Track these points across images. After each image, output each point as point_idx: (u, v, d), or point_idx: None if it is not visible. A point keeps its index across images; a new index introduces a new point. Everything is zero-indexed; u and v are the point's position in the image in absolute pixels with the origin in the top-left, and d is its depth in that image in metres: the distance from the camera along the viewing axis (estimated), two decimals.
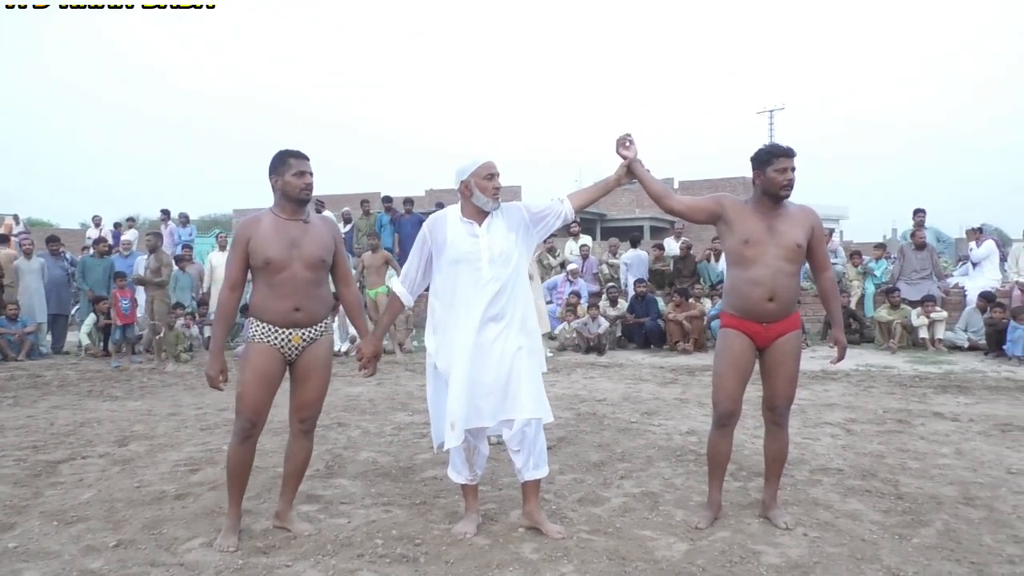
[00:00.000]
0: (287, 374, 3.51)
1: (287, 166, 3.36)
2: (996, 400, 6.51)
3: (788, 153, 3.43)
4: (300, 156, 3.41)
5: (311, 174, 3.40)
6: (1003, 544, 3.29)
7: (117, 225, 17.31)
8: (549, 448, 4.90)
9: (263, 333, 3.35)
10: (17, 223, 19.95)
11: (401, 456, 4.89)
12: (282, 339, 3.36)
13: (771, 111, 48.57)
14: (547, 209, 3.54)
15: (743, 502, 3.88)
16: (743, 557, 3.17)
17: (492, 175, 3.39)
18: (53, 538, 3.45)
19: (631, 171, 3.59)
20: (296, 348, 3.41)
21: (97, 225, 16.79)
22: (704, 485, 3.83)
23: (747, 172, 3.57)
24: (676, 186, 39.35)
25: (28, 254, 11.09)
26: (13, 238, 15.13)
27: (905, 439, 5.15)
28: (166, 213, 15.87)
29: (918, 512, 3.70)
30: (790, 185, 3.41)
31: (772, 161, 3.41)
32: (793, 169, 3.42)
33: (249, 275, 3.42)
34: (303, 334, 3.40)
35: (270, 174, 3.40)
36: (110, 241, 14.50)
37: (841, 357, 3.75)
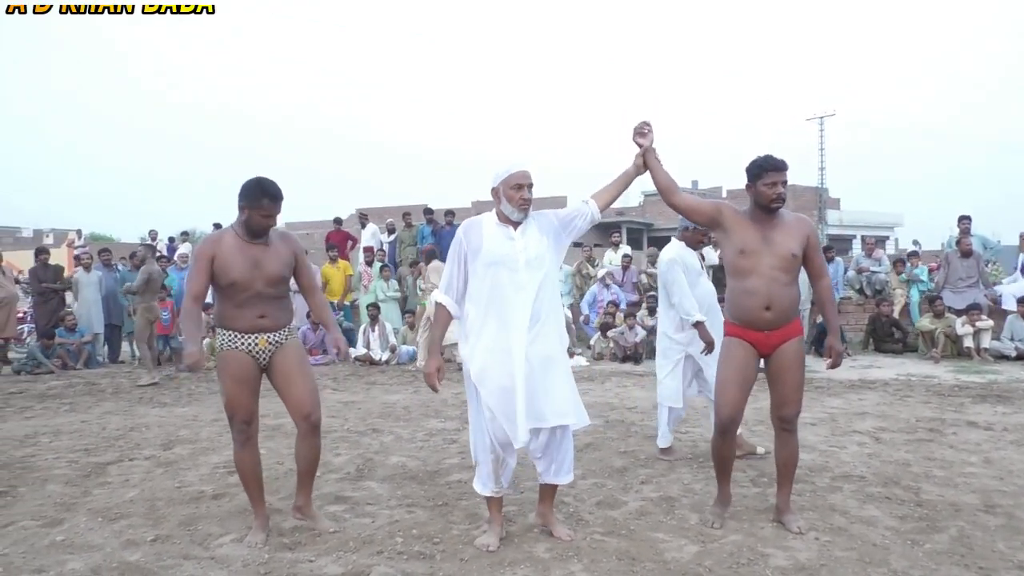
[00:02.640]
0: (270, 383, 3.69)
1: (260, 205, 3.51)
2: None
3: (778, 167, 3.51)
4: (274, 198, 3.54)
5: (276, 217, 3.60)
6: (1016, 551, 3.28)
7: (172, 239, 17.95)
8: (577, 453, 5.02)
9: (231, 340, 3.54)
10: (79, 238, 20.82)
11: (429, 460, 5.04)
12: (249, 343, 3.55)
13: (821, 117, 47.57)
14: (573, 212, 3.58)
15: (759, 507, 3.93)
16: (751, 559, 3.23)
17: (520, 186, 3.37)
18: (97, 533, 3.68)
19: (645, 160, 3.66)
20: (264, 352, 3.59)
21: (153, 239, 17.43)
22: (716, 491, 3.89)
23: (794, 180, 3.67)
24: (724, 195, 39.13)
25: (87, 268, 11.59)
26: (73, 252, 15.82)
27: (934, 448, 5.11)
28: (219, 227, 16.38)
29: (934, 519, 3.70)
30: (779, 198, 3.50)
31: (762, 175, 3.51)
32: (784, 183, 3.52)
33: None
34: (269, 338, 3.59)
35: (240, 198, 3.53)
36: (165, 254, 15.07)
37: (836, 364, 3.76)
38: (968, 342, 9.74)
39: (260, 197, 3.51)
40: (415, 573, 3.14)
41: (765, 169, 3.51)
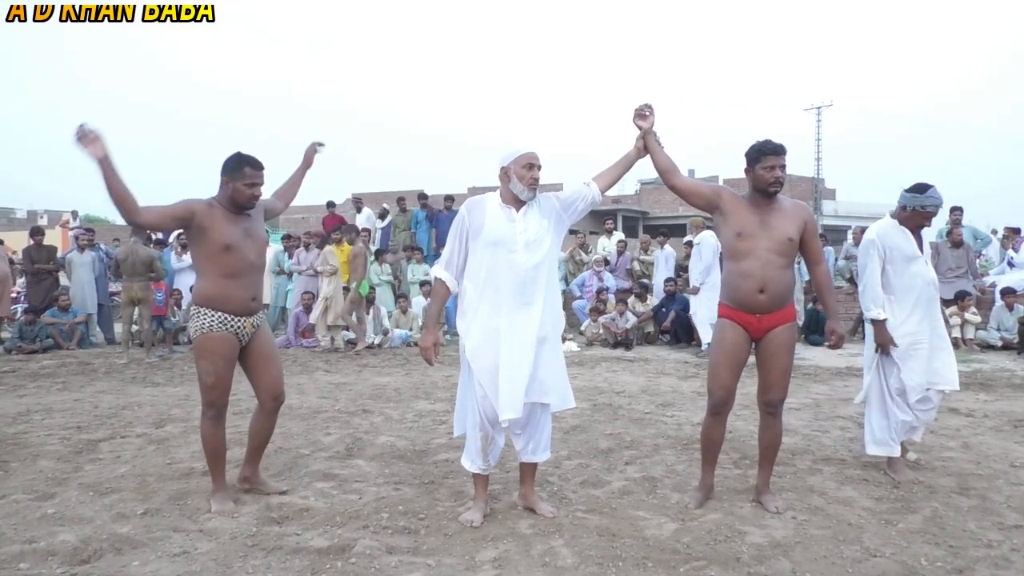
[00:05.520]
0: (242, 363, 3.80)
1: (242, 174, 3.57)
2: (1017, 398, 6.48)
3: (777, 151, 3.54)
4: (256, 166, 3.60)
5: (261, 185, 3.63)
6: (986, 530, 3.37)
7: None
8: (563, 435, 5.10)
9: (222, 322, 3.58)
10: (74, 219, 20.80)
11: (418, 441, 5.10)
12: (239, 326, 3.63)
13: (819, 107, 47.60)
14: (575, 194, 3.63)
15: (739, 488, 4.01)
16: (728, 536, 3.31)
17: (531, 165, 3.44)
18: (88, 506, 3.74)
19: (645, 143, 3.70)
20: (248, 334, 3.70)
21: None
22: (700, 474, 3.97)
23: (790, 170, 3.71)
24: (721, 183, 39.10)
25: (82, 248, 11.59)
26: (69, 232, 15.83)
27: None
28: None
29: (909, 500, 3.78)
30: (778, 182, 3.54)
31: (761, 159, 3.54)
32: (782, 167, 3.55)
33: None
34: (253, 320, 3.71)
35: (223, 173, 3.59)
36: (161, 236, 15.07)
37: (837, 346, 3.83)
38: (956, 332, 9.83)
39: (241, 166, 3.57)
40: (399, 547, 3.21)
41: (764, 153, 3.56)
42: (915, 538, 3.28)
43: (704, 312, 9.54)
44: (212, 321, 3.57)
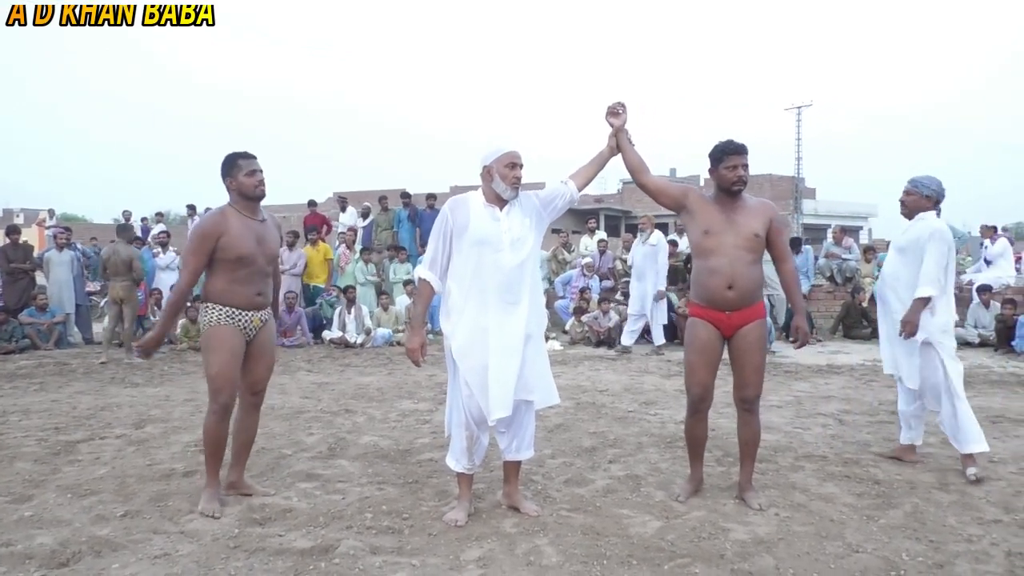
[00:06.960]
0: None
1: (238, 168, 3.67)
2: (994, 394, 6.57)
3: (738, 151, 3.61)
4: (248, 156, 3.73)
5: (261, 171, 3.71)
6: (966, 525, 3.41)
7: (144, 219, 17.78)
8: (547, 433, 5.10)
9: (229, 316, 3.64)
10: (51, 217, 20.57)
11: (401, 440, 5.08)
12: (245, 320, 3.68)
13: (799, 108, 47.95)
14: (554, 192, 3.66)
15: (722, 485, 4.03)
16: (712, 534, 3.32)
17: (514, 164, 3.45)
18: (66, 508, 3.69)
19: (616, 140, 3.74)
20: (255, 328, 3.73)
21: (127, 220, 17.24)
22: (688, 469, 3.99)
23: (771, 169, 3.77)
24: (702, 183, 39.27)
25: (60, 247, 11.43)
26: (46, 230, 15.65)
27: (894, 429, 5.21)
28: (192, 208, 16.25)
29: (890, 496, 3.82)
30: (740, 181, 3.61)
31: (723, 159, 3.62)
32: (745, 166, 3.62)
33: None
34: (261, 316, 3.75)
35: (223, 177, 3.70)
36: (139, 235, 14.93)
37: (803, 344, 3.85)
38: None
39: (235, 160, 3.69)
40: (383, 547, 3.19)
41: (726, 153, 3.62)
42: (896, 533, 3.31)
43: (660, 315, 9.80)
44: (220, 315, 3.63)
